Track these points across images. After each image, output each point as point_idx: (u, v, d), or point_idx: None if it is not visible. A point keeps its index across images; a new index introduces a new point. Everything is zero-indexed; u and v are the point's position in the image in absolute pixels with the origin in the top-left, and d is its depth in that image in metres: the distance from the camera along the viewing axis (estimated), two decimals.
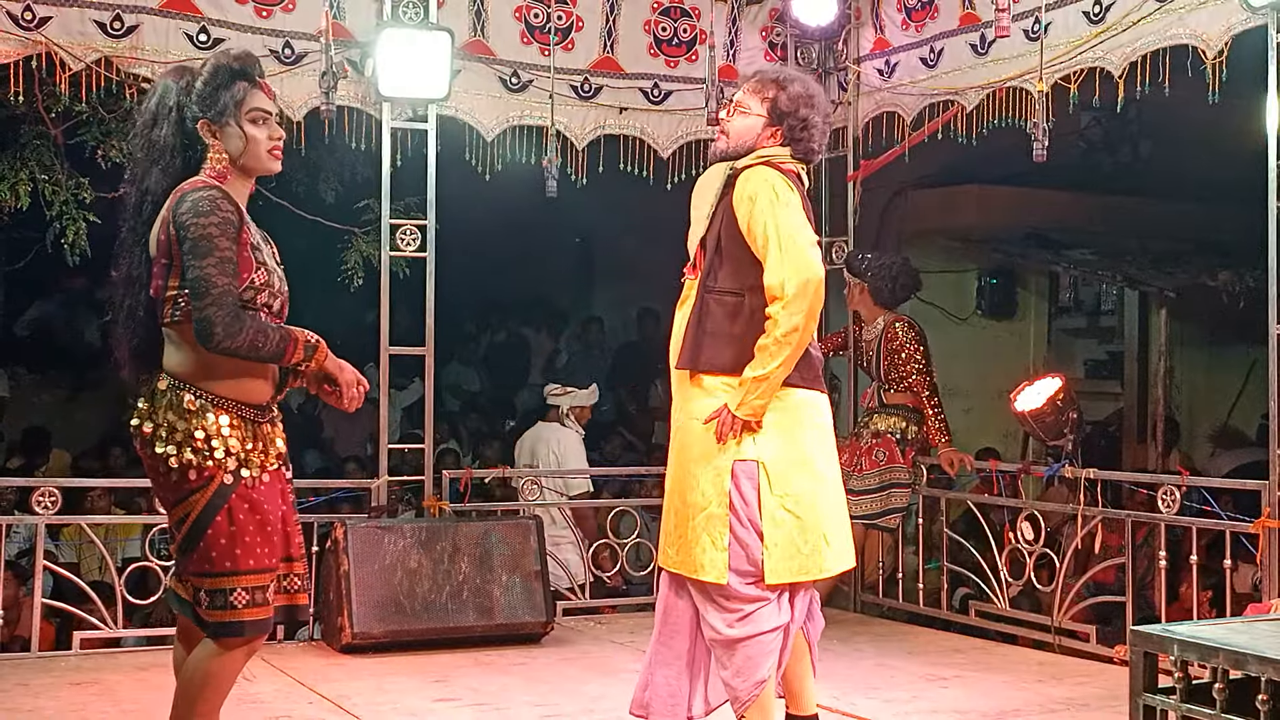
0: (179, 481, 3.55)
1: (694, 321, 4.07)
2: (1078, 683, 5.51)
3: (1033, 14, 5.99)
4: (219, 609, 3.56)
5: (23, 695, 5.24)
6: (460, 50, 6.50)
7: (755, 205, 3.98)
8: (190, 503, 3.55)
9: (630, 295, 12.77)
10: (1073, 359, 11.26)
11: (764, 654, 3.98)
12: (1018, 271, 11.26)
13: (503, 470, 7.35)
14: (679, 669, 4.14)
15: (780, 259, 3.91)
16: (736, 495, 3.97)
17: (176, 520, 3.60)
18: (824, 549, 4.05)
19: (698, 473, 4.02)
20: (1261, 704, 2.88)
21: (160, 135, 3.62)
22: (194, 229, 3.47)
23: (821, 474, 4.10)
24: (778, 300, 3.91)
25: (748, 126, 4.15)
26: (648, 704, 4.17)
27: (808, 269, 3.92)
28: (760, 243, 3.95)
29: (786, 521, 3.99)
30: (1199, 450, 10.24)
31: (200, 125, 3.62)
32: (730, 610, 3.98)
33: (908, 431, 6.96)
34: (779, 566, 3.98)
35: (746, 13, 7.20)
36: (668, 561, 4.12)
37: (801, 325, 3.93)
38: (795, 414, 4.06)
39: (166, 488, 3.60)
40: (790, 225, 3.96)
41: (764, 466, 3.99)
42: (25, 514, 6.32)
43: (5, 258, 10.54)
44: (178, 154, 3.62)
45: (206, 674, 3.64)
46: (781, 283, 3.90)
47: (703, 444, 4.03)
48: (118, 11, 5.91)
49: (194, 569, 3.59)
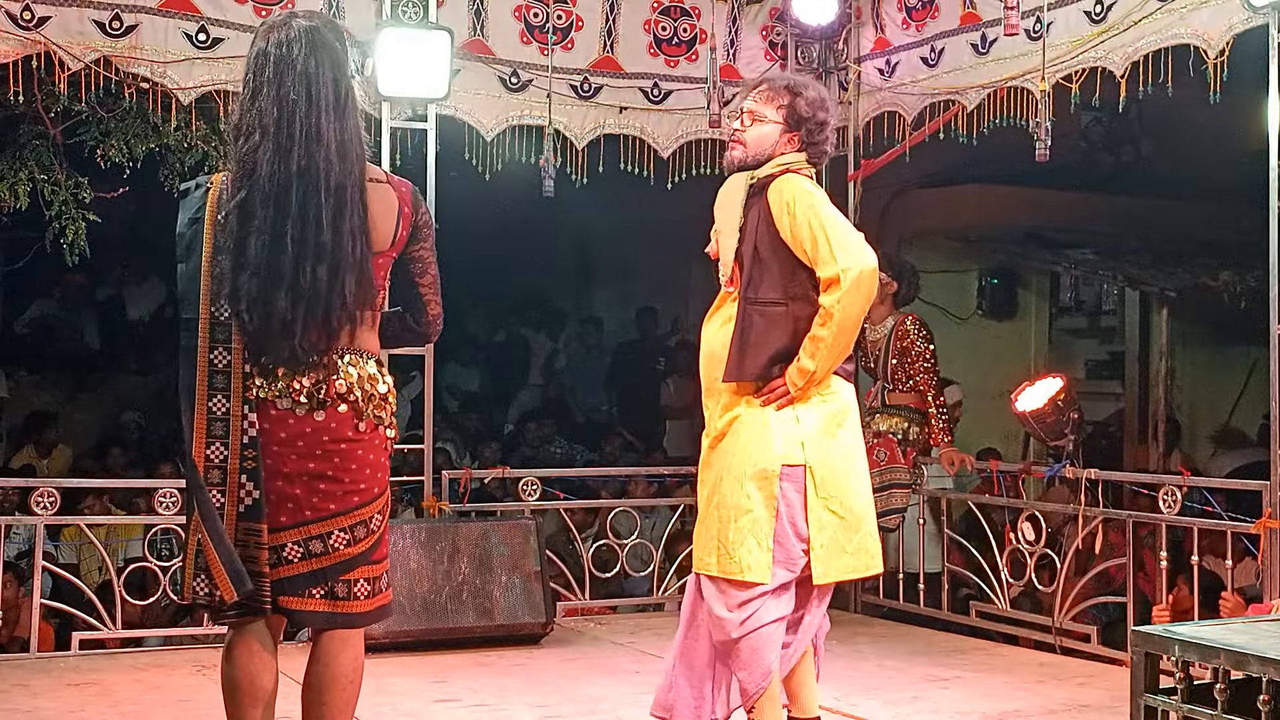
0: (387, 462, 3.50)
1: (737, 335, 4.08)
2: (1079, 683, 5.50)
3: (1034, 13, 5.98)
4: (381, 593, 3.46)
5: (22, 696, 5.23)
6: (460, 50, 6.49)
7: (796, 211, 4.00)
8: (388, 485, 3.51)
9: (630, 295, 12.77)
10: (1074, 359, 11.26)
11: (767, 643, 4.00)
12: (1018, 271, 11.26)
13: (503, 470, 7.34)
14: (705, 672, 4.15)
15: (832, 253, 3.94)
16: (783, 500, 4.00)
17: (386, 501, 3.47)
18: (869, 545, 4.12)
19: (743, 475, 4.03)
20: (1263, 704, 2.88)
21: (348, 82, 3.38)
22: (431, 227, 3.55)
23: (860, 473, 4.15)
24: (835, 289, 3.93)
25: (765, 134, 4.16)
26: (671, 705, 4.17)
27: (865, 258, 3.97)
28: (809, 245, 3.98)
29: (831, 523, 4.03)
30: (1200, 450, 10.23)
31: (354, 85, 3.48)
32: (743, 608, 3.99)
33: (909, 432, 6.96)
34: (827, 568, 4.04)
35: (747, 12, 7.19)
36: (704, 567, 4.10)
37: (855, 315, 3.99)
38: (841, 413, 4.11)
39: (383, 466, 3.47)
40: (835, 218, 4.02)
41: (811, 471, 4.02)
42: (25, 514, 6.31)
43: (4, 257, 10.55)
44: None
45: (360, 669, 3.49)
46: (839, 274, 3.92)
47: (750, 448, 4.04)
48: (117, 11, 5.90)
49: (386, 550, 3.49)
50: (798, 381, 4.00)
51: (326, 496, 3.38)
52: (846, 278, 3.93)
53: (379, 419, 3.46)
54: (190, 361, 3.36)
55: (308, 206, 3.30)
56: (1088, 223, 10.79)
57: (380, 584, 3.48)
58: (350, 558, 3.40)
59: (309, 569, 3.38)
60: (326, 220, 3.31)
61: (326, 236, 3.31)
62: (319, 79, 3.35)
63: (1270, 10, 5.20)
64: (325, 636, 3.46)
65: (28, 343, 11.10)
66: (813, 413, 4.05)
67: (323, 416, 3.39)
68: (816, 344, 3.98)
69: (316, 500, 3.38)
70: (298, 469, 3.38)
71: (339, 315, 3.35)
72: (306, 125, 3.32)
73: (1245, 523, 5.48)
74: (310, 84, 3.34)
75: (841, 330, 3.97)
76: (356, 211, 3.35)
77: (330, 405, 3.39)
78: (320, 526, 3.38)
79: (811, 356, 3.99)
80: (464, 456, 9.67)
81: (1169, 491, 5.80)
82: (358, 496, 3.40)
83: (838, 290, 3.94)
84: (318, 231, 3.30)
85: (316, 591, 3.40)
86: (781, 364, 4.03)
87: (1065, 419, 6.47)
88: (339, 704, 3.44)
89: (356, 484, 3.40)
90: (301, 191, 3.31)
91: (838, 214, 4.07)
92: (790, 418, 4.03)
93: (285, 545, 3.38)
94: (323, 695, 3.43)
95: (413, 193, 3.54)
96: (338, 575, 3.39)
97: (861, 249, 3.99)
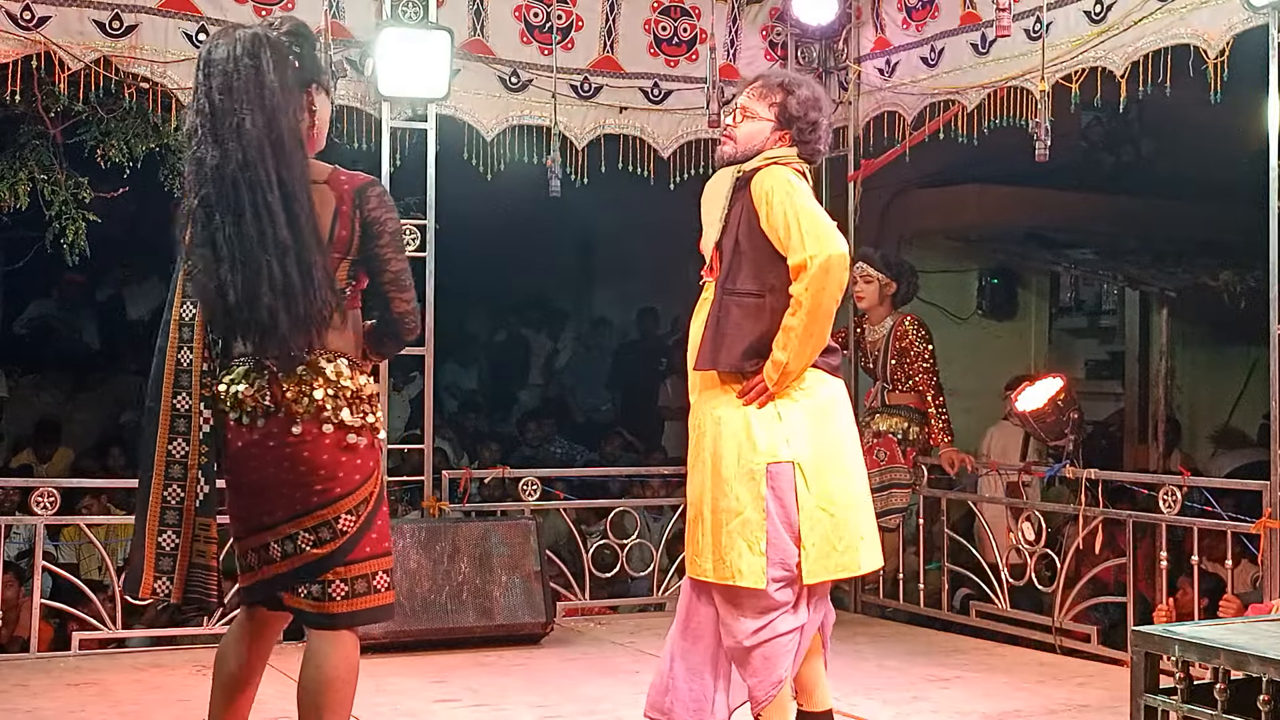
0: (365, 455, 3.46)
1: (712, 323, 4.06)
2: (1079, 683, 5.50)
3: (1034, 13, 5.99)
4: (362, 596, 3.44)
5: (21, 696, 5.23)
6: (460, 50, 6.49)
7: (773, 199, 3.99)
8: (374, 478, 3.48)
9: (631, 295, 12.77)
10: (1073, 359, 11.26)
11: (781, 653, 3.98)
12: (1018, 271, 11.27)
13: (503, 470, 7.34)
14: (703, 673, 4.12)
15: (802, 239, 3.93)
16: (772, 499, 3.96)
17: (359, 503, 3.44)
18: (859, 545, 4.06)
19: (729, 477, 4.00)
20: (1263, 704, 2.88)
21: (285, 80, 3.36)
22: (390, 223, 3.47)
23: (851, 469, 4.10)
24: (803, 276, 3.91)
25: (755, 131, 4.15)
26: (669, 709, 4.15)
27: (831, 244, 3.95)
28: (783, 232, 3.96)
29: (823, 521, 3.99)
30: (1200, 450, 10.23)
31: (312, 89, 3.49)
32: (757, 615, 3.97)
33: (909, 432, 6.96)
34: (816, 566, 3.98)
35: (747, 12, 7.19)
36: (699, 573, 4.07)
37: (826, 304, 3.95)
38: (826, 407, 4.07)
39: (351, 468, 3.43)
40: (809, 207, 4.00)
41: (800, 467, 3.98)
42: (25, 514, 6.31)
43: (4, 257, 10.54)
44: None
45: (356, 667, 3.49)
46: (806, 260, 3.91)
47: (732, 448, 4.01)
48: (117, 11, 5.90)
49: (371, 551, 3.45)
50: (773, 375, 3.96)
51: (289, 500, 3.43)
52: (814, 264, 3.90)
53: (337, 420, 3.42)
54: (160, 360, 3.49)
55: (258, 204, 3.32)
56: (1088, 223, 10.79)
57: (360, 586, 3.45)
58: (318, 559, 3.42)
59: (290, 568, 3.44)
60: (282, 218, 3.32)
61: (285, 234, 3.32)
62: (254, 82, 3.35)
63: (1270, 10, 5.20)
64: (313, 636, 3.50)
65: (27, 343, 11.08)
66: (796, 409, 4.00)
67: (268, 422, 3.42)
68: (787, 334, 3.94)
69: (282, 502, 3.43)
70: (261, 474, 3.44)
71: (316, 312, 3.37)
72: (237, 125, 3.33)
73: (1245, 523, 5.48)
74: (245, 87, 3.34)
75: (812, 319, 3.93)
76: (305, 208, 3.36)
77: (276, 412, 3.42)
78: (289, 528, 3.43)
79: (783, 348, 3.95)
80: (462, 457, 9.66)
81: (1169, 491, 5.80)
82: (316, 498, 3.42)
83: (805, 277, 3.91)
84: (275, 228, 3.32)
85: (302, 590, 3.45)
86: (757, 358, 3.99)
87: (1065, 419, 6.48)
88: (327, 704, 3.44)
89: (312, 486, 3.42)
90: (250, 190, 3.32)
91: (815, 204, 4.04)
92: (772, 415, 3.99)
93: (269, 544, 3.45)
94: (312, 696, 3.45)
95: (357, 191, 3.46)
96: (312, 576, 3.43)
97: (831, 236, 3.96)
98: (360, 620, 3.48)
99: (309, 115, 3.49)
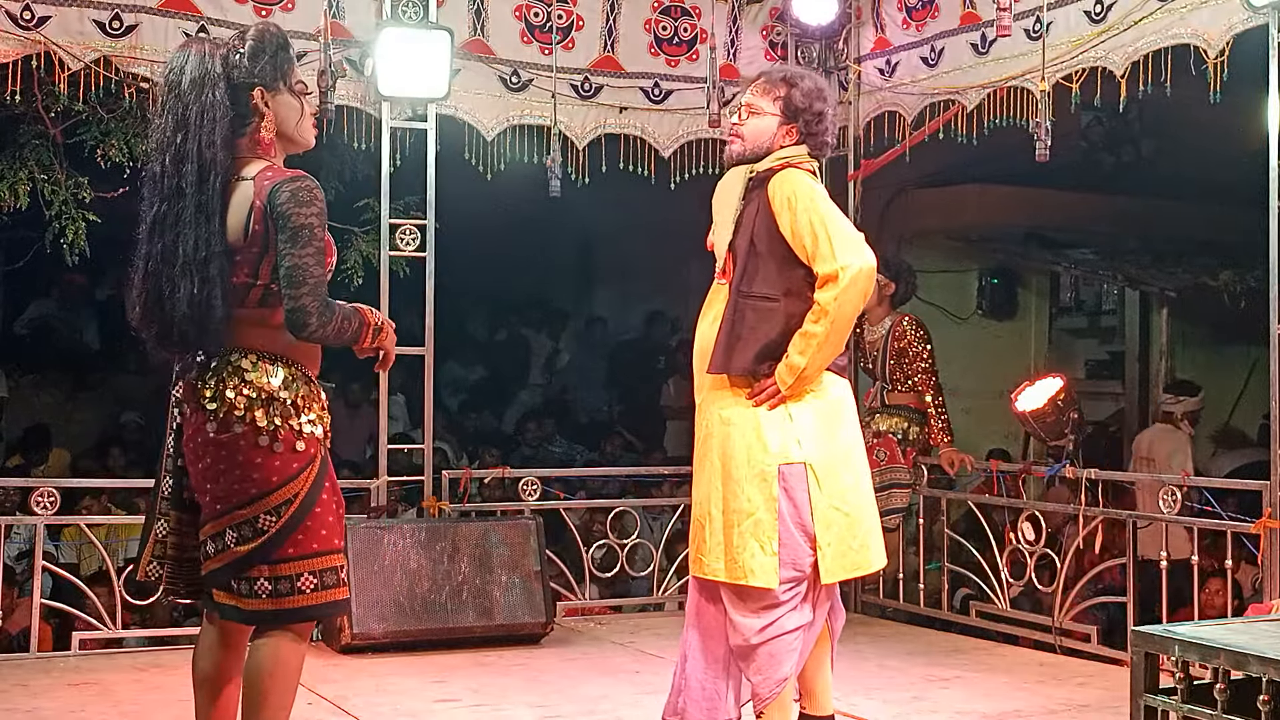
0: (287, 457, 3.46)
1: (726, 326, 4.05)
2: (1079, 683, 5.50)
3: (1034, 13, 5.98)
4: (285, 596, 3.44)
5: (22, 696, 5.23)
6: (460, 49, 6.49)
7: (797, 207, 3.98)
8: (301, 479, 3.47)
9: (631, 295, 12.78)
10: (1074, 359, 11.27)
11: (786, 651, 3.99)
12: (1018, 271, 11.27)
13: (503, 470, 7.34)
14: (716, 673, 4.12)
15: (832, 249, 3.93)
16: (785, 499, 3.96)
17: (279, 503, 3.44)
18: (871, 543, 4.09)
19: (740, 478, 4.00)
20: (1263, 704, 2.87)
21: (215, 100, 3.46)
22: (295, 219, 3.43)
23: (860, 469, 4.12)
24: (832, 286, 3.91)
25: (763, 127, 4.14)
26: (683, 709, 4.14)
27: (863, 256, 3.95)
28: (809, 241, 3.96)
29: (838, 521, 4.00)
30: (1200, 450, 10.22)
31: (256, 93, 3.53)
32: (764, 612, 3.97)
33: (909, 432, 6.96)
34: (834, 565, 4.00)
35: (747, 12, 7.19)
36: (709, 572, 4.05)
37: (850, 314, 3.97)
38: (835, 408, 4.08)
39: (268, 468, 3.44)
40: (837, 216, 4.01)
41: (811, 468, 3.99)
42: (25, 514, 6.31)
43: (4, 257, 10.54)
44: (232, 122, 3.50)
45: (289, 667, 3.51)
46: (838, 271, 3.91)
47: (742, 449, 4.00)
48: (117, 11, 5.90)
49: (295, 551, 3.45)
50: (787, 379, 3.97)
51: (215, 496, 3.50)
52: (845, 275, 3.91)
53: (249, 421, 3.45)
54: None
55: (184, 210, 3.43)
56: (1088, 223, 10.80)
57: (284, 586, 3.46)
58: (241, 556, 3.46)
59: (223, 563, 3.49)
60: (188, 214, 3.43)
61: (189, 233, 3.43)
62: (176, 95, 3.49)
63: (1270, 10, 5.20)
64: (254, 632, 3.57)
65: (27, 343, 11.08)
66: (807, 410, 4.01)
67: (196, 417, 3.51)
68: (808, 340, 3.95)
69: (219, 496, 3.49)
70: (196, 468, 3.54)
71: (206, 311, 3.42)
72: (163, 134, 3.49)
73: (1245, 523, 5.48)
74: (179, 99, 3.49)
75: (835, 328, 3.94)
76: (219, 211, 3.45)
77: (199, 409, 3.50)
78: (218, 524, 3.49)
79: (801, 353, 3.95)
80: (461, 457, 9.67)
81: (1169, 491, 5.80)
82: (236, 496, 3.47)
83: (835, 287, 3.91)
84: (179, 228, 3.43)
85: (233, 585, 3.49)
86: (770, 360, 3.99)
87: (1065, 419, 6.48)
88: (255, 701, 3.49)
89: (233, 484, 3.46)
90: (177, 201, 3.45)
91: (838, 211, 4.05)
92: (783, 416, 4.00)
93: (208, 540, 3.52)
94: (246, 691, 3.54)
95: (273, 188, 3.46)
96: (239, 572, 3.47)
97: (861, 247, 3.97)
98: (284, 620, 3.49)
99: (256, 119, 3.55)
